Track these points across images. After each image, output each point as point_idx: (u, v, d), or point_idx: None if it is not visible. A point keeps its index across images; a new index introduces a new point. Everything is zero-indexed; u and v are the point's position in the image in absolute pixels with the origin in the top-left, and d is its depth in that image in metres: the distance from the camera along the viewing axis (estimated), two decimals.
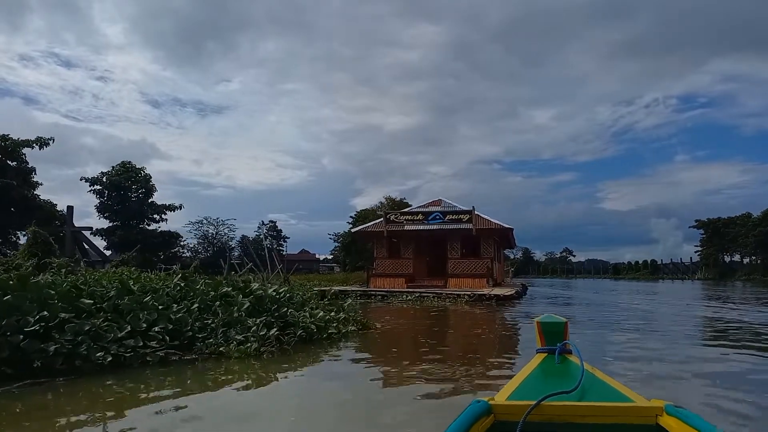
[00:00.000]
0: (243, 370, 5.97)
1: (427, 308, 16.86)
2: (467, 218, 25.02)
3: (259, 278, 27.63)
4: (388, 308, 17.33)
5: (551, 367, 2.47)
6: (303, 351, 7.26)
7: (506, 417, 1.93)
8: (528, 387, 2.20)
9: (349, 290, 21.99)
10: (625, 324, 11.83)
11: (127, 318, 6.18)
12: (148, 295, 7.16)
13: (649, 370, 6.20)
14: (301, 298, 9.06)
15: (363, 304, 19.62)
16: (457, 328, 11.94)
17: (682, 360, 6.95)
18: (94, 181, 40.34)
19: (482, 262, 25.53)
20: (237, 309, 7.38)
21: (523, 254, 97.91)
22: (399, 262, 26.95)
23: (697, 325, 12.24)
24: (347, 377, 5.96)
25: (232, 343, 6.44)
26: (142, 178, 41.75)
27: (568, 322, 2.77)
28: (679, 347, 8.12)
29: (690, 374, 5.92)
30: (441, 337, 10.09)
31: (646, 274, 75.72)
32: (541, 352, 2.64)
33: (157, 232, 41.22)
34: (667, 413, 1.86)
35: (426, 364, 6.49)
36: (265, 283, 24.86)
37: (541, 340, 2.70)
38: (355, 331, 9.06)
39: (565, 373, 2.34)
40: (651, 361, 6.94)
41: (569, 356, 2.55)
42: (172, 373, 5.75)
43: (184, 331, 6.64)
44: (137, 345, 5.90)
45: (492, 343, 9.37)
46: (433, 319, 13.87)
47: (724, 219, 70.12)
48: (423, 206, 29.18)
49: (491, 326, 11.96)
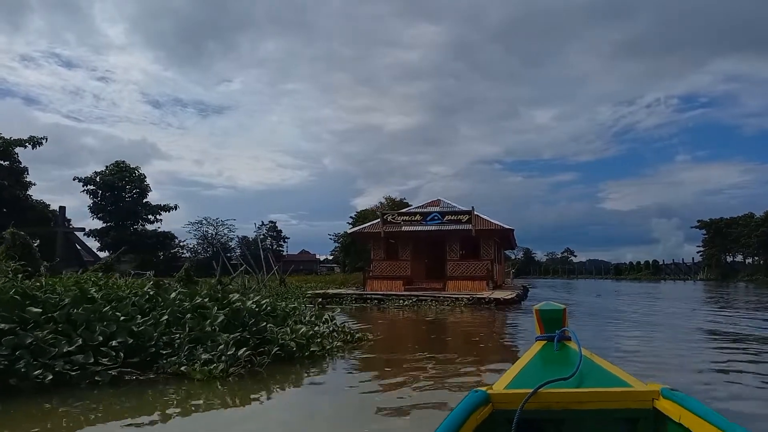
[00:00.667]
0: (203, 395, 5.26)
1: (424, 314, 16.18)
2: (466, 219, 24.31)
3: (255, 280, 26.97)
4: (383, 315, 16.67)
5: (550, 354, 2.45)
6: (280, 372, 6.54)
7: (504, 406, 1.93)
8: (526, 375, 2.18)
9: (345, 294, 21.31)
10: (634, 358, 11.07)
11: (79, 330, 5.49)
12: (109, 305, 6.48)
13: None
14: (283, 311, 8.30)
15: (359, 308, 18.98)
16: (455, 338, 11.25)
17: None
18: (87, 180, 39.68)
19: (482, 264, 24.82)
20: (210, 322, 6.69)
21: (524, 255, 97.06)
22: (396, 264, 26.23)
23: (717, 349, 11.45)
24: (318, 410, 5.17)
25: (197, 363, 5.72)
26: (137, 178, 41.07)
27: (566, 309, 2.72)
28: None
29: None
30: (439, 347, 9.35)
31: (648, 274, 74.96)
32: (540, 339, 2.61)
33: (152, 233, 40.52)
34: (663, 396, 1.88)
35: (420, 390, 5.79)
36: (260, 285, 24.18)
37: (540, 328, 2.68)
38: (342, 346, 8.34)
39: (563, 360, 2.31)
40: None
41: (568, 343, 2.52)
42: (123, 395, 5.06)
43: (146, 347, 5.95)
44: (87, 362, 5.20)
45: (492, 355, 8.68)
46: (430, 328, 13.21)
47: (726, 219, 69.44)
48: (421, 206, 28.48)
49: (490, 337, 11.26)
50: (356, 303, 20.16)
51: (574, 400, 1.95)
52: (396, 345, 9.69)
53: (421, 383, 5.99)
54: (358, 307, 18.98)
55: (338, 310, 13.97)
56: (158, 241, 40.67)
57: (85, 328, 5.56)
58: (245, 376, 5.95)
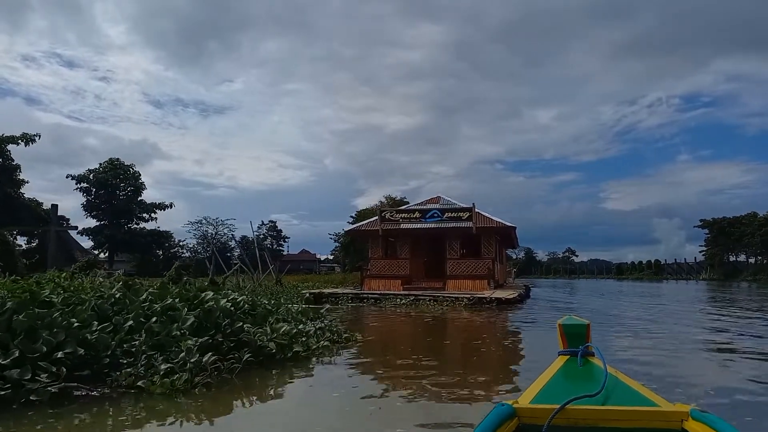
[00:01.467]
0: (161, 412, 4.53)
1: (422, 314, 15.45)
2: (467, 216, 23.56)
3: (251, 279, 26.27)
4: (379, 314, 15.94)
5: (574, 369, 2.44)
6: (258, 375, 5.83)
7: (530, 420, 1.93)
8: (551, 390, 2.17)
9: (341, 293, 20.58)
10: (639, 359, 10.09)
11: (17, 340, 4.75)
12: (64, 310, 5.74)
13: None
14: (265, 309, 7.56)
15: (354, 308, 18.26)
16: (453, 340, 10.53)
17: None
18: (80, 178, 38.91)
19: (483, 263, 24.06)
20: (178, 326, 5.95)
21: (526, 254, 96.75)
22: (395, 263, 25.48)
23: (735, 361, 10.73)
24: (293, 425, 4.46)
25: (156, 374, 4.98)
26: (131, 176, 40.31)
27: (590, 324, 2.70)
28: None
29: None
30: (435, 351, 8.62)
31: (650, 274, 74.40)
32: (563, 354, 2.60)
33: (146, 232, 39.75)
34: (692, 418, 1.84)
35: (412, 398, 5.07)
36: (256, 285, 23.50)
37: (563, 342, 2.67)
38: (329, 346, 7.63)
39: (588, 376, 2.32)
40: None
41: (592, 359, 2.51)
42: (64, 416, 4.30)
43: (100, 357, 5.22)
44: (23, 377, 4.47)
45: (495, 363, 7.94)
46: (427, 328, 12.47)
47: (729, 218, 68.84)
48: (421, 204, 27.68)
49: (493, 339, 10.52)
50: (352, 302, 19.43)
51: (601, 418, 1.92)
52: (389, 347, 8.95)
53: (415, 392, 5.27)
54: (354, 307, 18.26)
55: (327, 306, 13.15)
56: (153, 240, 39.88)
57: (26, 337, 4.82)
58: (214, 385, 5.22)
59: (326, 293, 20.60)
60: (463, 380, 5.98)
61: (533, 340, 10.19)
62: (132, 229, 39.42)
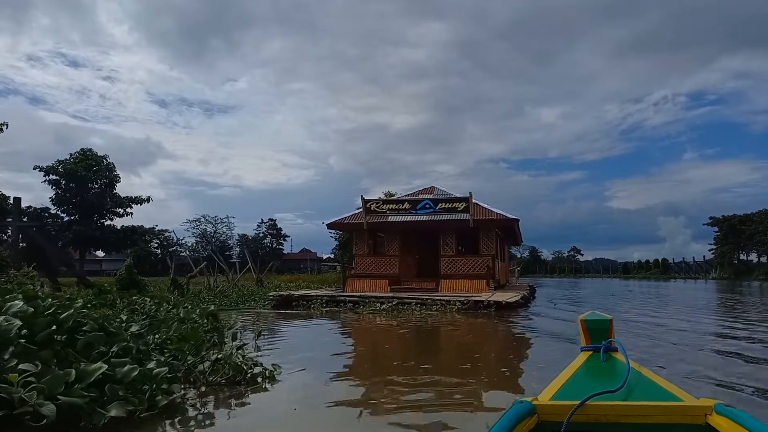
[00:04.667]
0: None
1: (404, 322, 12.59)
2: (463, 206, 20.63)
3: (228, 279, 23.37)
4: (347, 323, 13.08)
5: (596, 365, 2.40)
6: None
7: (550, 417, 1.88)
8: (572, 386, 2.13)
9: (314, 296, 17.65)
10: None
11: None
12: None
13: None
14: (103, 328, 4.60)
15: (329, 313, 15.43)
16: (439, 361, 7.58)
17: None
18: (48, 170, 36.08)
19: (481, 260, 21.15)
20: None
21: (531, 253, 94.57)
22: (382, 261, 22.60)
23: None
24: None
25: None
26: (105, 167, 37.45)
27: (613, 319, 2.61)
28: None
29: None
30: (408, 383, 5.70)
31: (657, 273, 71.74)
32: (585, 350, 2.54)
33: (120, 228, 36.85)
34: (716, 413, 1.80)
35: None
36: (231, 285, 20.62)
37: (586, 338, 2.60)
38: (219, 388, 4.76)
39: (610, 372, 2.27)
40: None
41: (615, 354, 2.46)
42: None
43: None
44: None
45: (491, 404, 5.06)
46: (403, 344, 9.63)
47: (740, 216, 66.28)
48: (412, 194, 24.72)
49: (487, 363, 7.62)
50: (327, 307, 16.54)
51: (623, 414, 1.88)
52: (322, 389, 5.93)
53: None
54: (329, 313, 15.41)
55: (238, 323, 10.13)
56: (127, 237, 36.96)
57: None
58: None
59: (296, 296, 17.70)
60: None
61: (541, 361, 7.29)
62: (104, 225, 36.53)
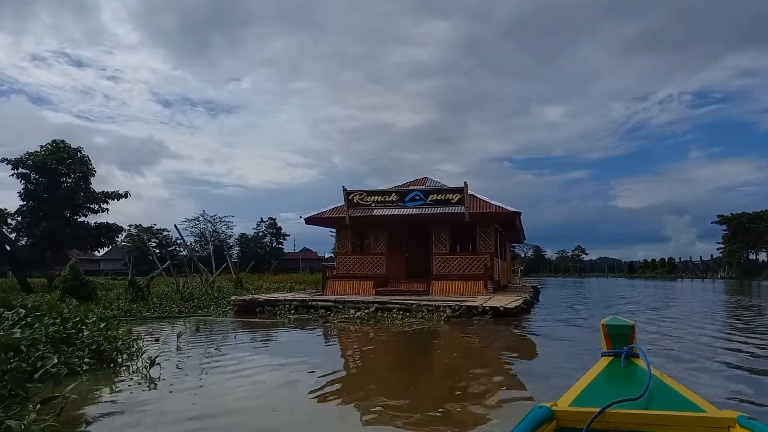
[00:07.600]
0: None
1: (379, 334, 10.16)
2: (457, 198, 18.14)
3: (202, 280, 20.84)
4: (303, 337, 10.67)
5: (617, 371, 2.35)
6: None
7: (569, 423, 1.87)
8: (592, 392, 2.09)
9: (282, 300, 15.16)
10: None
11: None
12: None
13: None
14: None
15: (297, 321, 13.02)
16: (396, 406, 5.12)
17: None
18: (17, 162, 33.57)
19: (479, 259, 18.69)
20: None
21: (534, 252, 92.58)
22: (367, 260, 20.12)
23: None
24: None
25: None
26: (78, 160, 34.91)
27: (635, 325, 2.59)
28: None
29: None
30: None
31: (663, 272, 69.31)
32: (606, 355, 2.51)
33: (92, 226, 34.32)
34: (740, 425, 1.76)
35: None
36: (206, 286, 18.18)
37: (607, 343, 2.59)
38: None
39: (631, 379, 2.22)
40: None
41: (636, 360, 2.42)
42: None
43: None
44: None
45: None
46: (359, 369, 7.23)
47: (749, 214, 63.79)
48: (403, 185, 22.10)
49: (472, 400, 5.17)
50: (296, 313, 14.06)
51: (643, 422, 1.85)
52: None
53: None
54: (298, 320, 12.98)
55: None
56: (101, 235, 34.48)
57: None
58: None
59: (260, 300, 15.21)
60: None
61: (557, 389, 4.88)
62: (75, 222, 34.04)
